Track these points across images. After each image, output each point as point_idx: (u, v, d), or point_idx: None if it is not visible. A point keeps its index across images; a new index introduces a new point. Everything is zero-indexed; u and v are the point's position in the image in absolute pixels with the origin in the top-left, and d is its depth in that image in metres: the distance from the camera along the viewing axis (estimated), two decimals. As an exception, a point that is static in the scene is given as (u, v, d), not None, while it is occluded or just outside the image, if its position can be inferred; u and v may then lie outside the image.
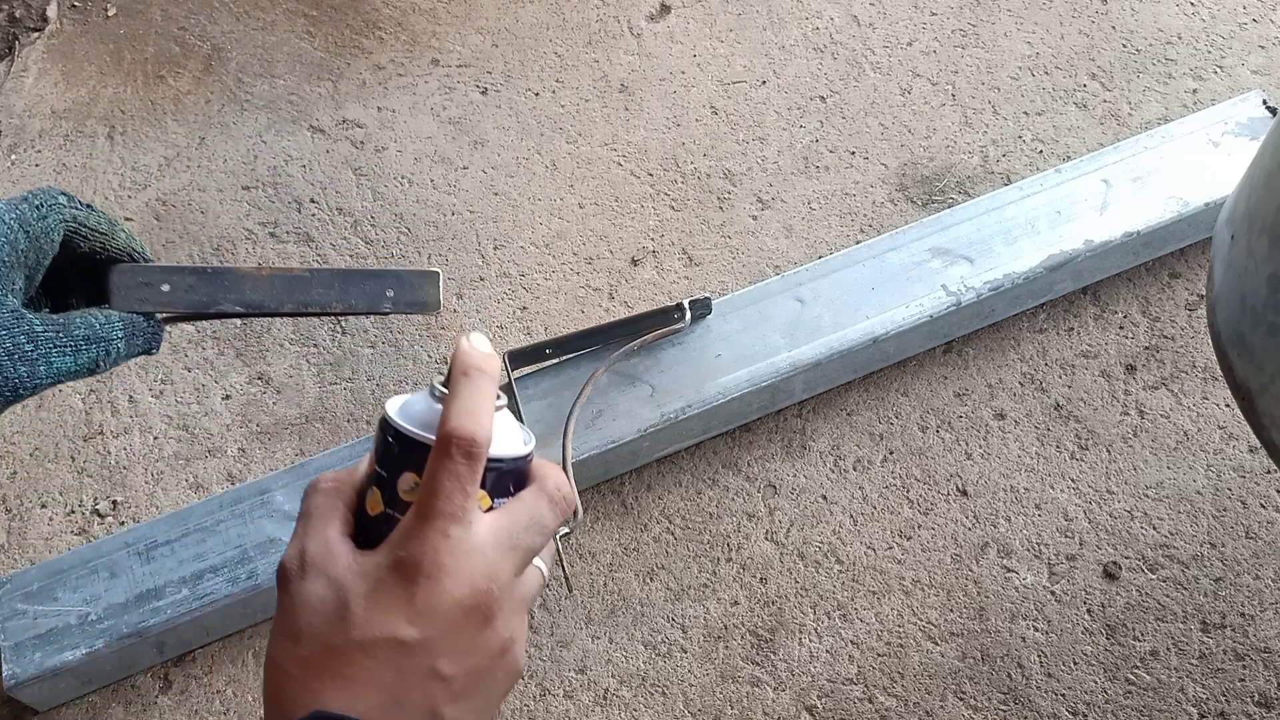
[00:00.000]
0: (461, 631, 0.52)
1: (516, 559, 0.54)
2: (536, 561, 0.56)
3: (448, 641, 0.52)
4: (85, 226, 0.58)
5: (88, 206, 0.59)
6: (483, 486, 0.53)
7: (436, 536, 0.51)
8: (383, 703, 0.51)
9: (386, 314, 0.67)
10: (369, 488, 0.55)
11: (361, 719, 0.50)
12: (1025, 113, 1.45)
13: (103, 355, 0.57)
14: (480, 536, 0.52)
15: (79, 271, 0.60)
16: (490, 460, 0.53)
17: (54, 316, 0.56)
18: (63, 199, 0.57)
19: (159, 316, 0.61)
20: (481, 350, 0.55)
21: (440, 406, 0.54)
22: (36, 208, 0.56)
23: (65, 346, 0.56)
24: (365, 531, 0.54)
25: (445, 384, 0.55)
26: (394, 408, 0.56)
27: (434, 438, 0.53)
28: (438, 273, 0.66)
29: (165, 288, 0.61)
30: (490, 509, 0.54)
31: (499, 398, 0.55)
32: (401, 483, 0.54)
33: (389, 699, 0.51)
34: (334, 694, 0.51)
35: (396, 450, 0.54)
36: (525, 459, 0.57)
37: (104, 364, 0.57)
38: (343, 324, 1.32)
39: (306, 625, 0.52)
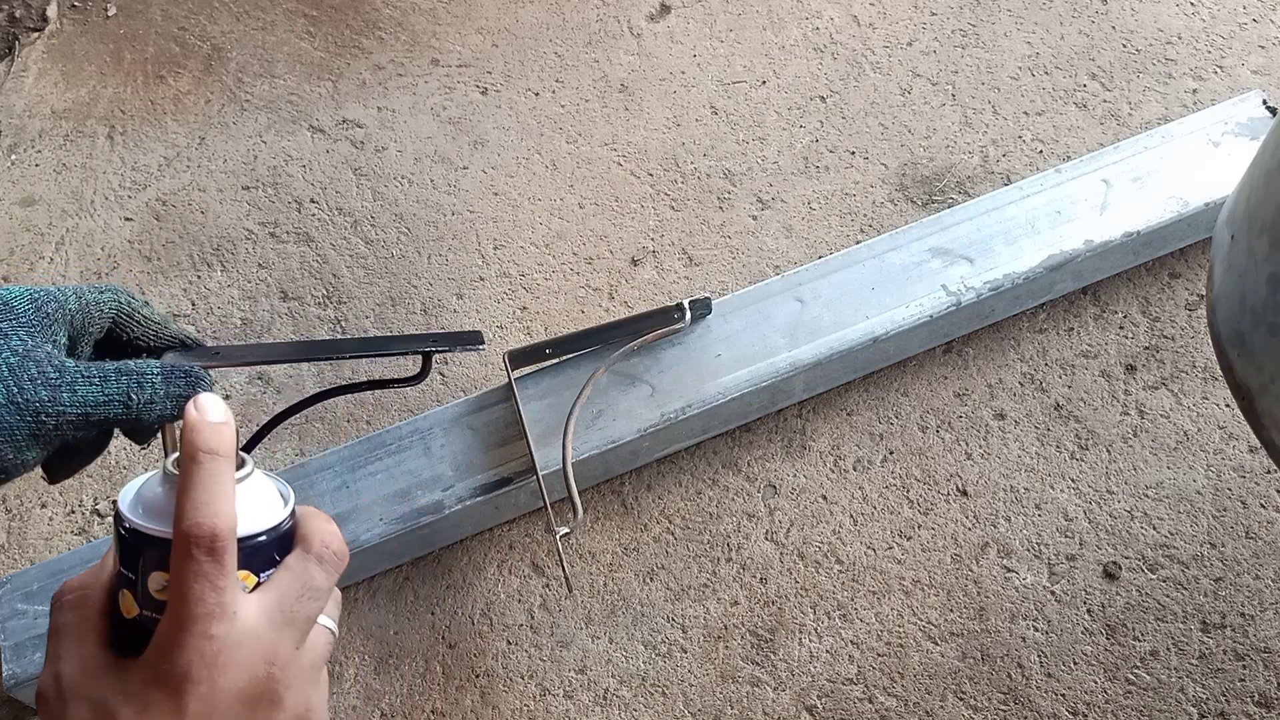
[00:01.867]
0: None
1: (295, 632, 0.51)
2: (323, 619, 0.53)
3: None
4: (139, 314, 0.60)
5: (145, 302, 0.61)
6: (243, 566, 0.49)
7: (198, 640, 0.48)
8: None
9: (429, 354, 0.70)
10: (120, 590, 0.51)
11: None
12: (1025, 113, 1.45)
13: (134, 387, 0.55)
14: (249, 623, 0.49)
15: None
16: (242, 540, 0.49)
17: (89, 363, 0.56)
18: (124, 291, 0.60)
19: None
20: (211, 421, 0.52)
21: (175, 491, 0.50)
22: (95, 288, 0.58)
23: (93, 377, 0.54)
24: (123, 637, 0.50)
25: (177, 464, 0.51)
26: (128, 498, 0.51)
27: (164, 535, 0.49)
28: (479, 333, 0.68)
29: (216, 354, 0.63)
30: (257, 585, 0.51)
31: (243, 464, 0.52)
32: (151, 583, 0.50)
33: None
34: None
35: (138, 548, 0.50)
36: (284, 524, 0.53)
37: (137, 396, 0.55)
38: (342, 324, 1.32)
39: None
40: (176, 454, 0.52)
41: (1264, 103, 1.33)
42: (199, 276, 1.36)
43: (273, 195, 1.42)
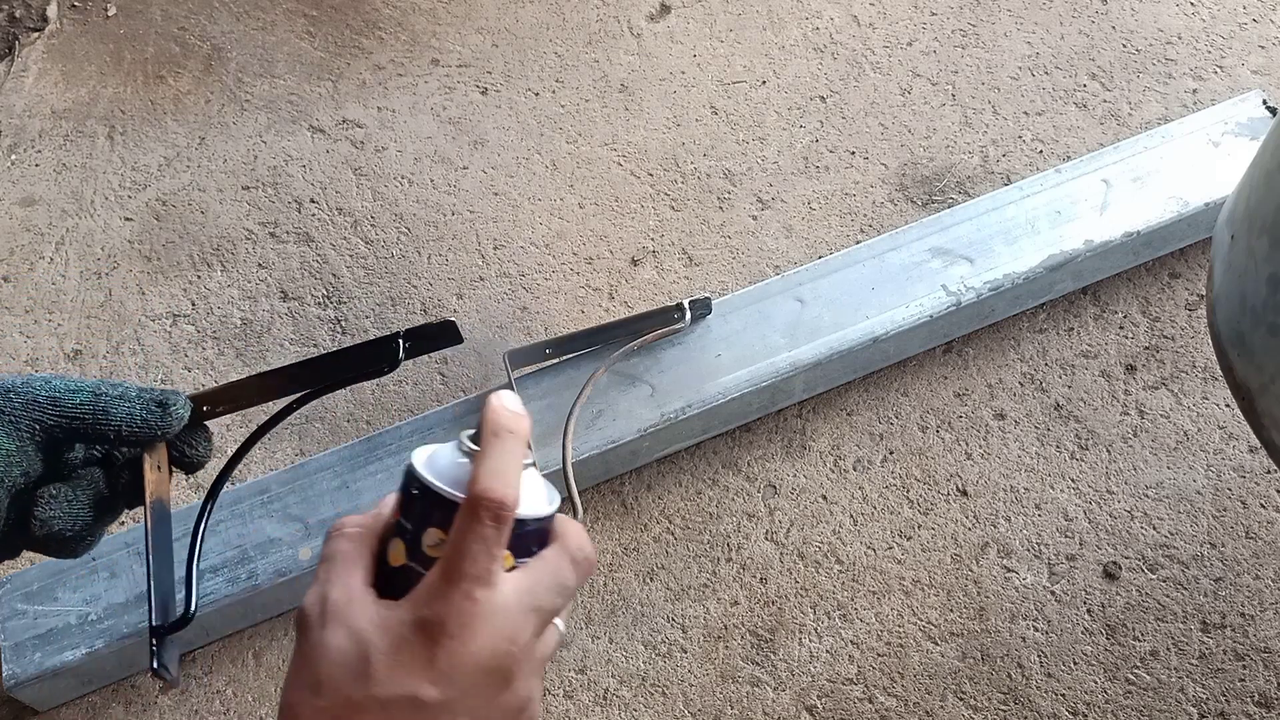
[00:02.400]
0: (481, 693, 0.52)
1: (538, 620, 0.54)
2: (557, 620, 0.56)
3: (467, 702, 0.51)
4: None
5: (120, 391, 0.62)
6: (508, 546, 0.53)
7: (461, 598, 0.51)
8: None
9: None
10: (392, 538, 0.54)
11: None
12: (1025, 113, 1.45)
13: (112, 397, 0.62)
14: (504, 598, 0.52)
15: None
16: (515, 521, 0.52)
17: None
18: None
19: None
20: (512, 410, 0.55)
21: (468, 463, 0.54)
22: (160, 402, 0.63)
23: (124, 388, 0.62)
24: (387, 581, 0.54)
25: (474, 439, 0.55)
26: (420, 459, 0.55)
27: (461, 496, 0.52)
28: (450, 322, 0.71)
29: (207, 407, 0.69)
30: (513, 568, 0.54)
31: (527, 457, 0.55)
32: (426, 538, 0.53)
33: None
34: None
35: (423, 505, 0.54)
36: (549, 519, 0.56)
37: (172, 402, 0.63)
38: (342, 324, 1.32)
39: (326, 676, 0.51)
40: (471, 430, 0.56)
41: (1264, 103, 1.33)
42: (199, 276, 1.36)
43: (273, 195, 1.42)
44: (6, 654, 1.05)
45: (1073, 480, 1.19)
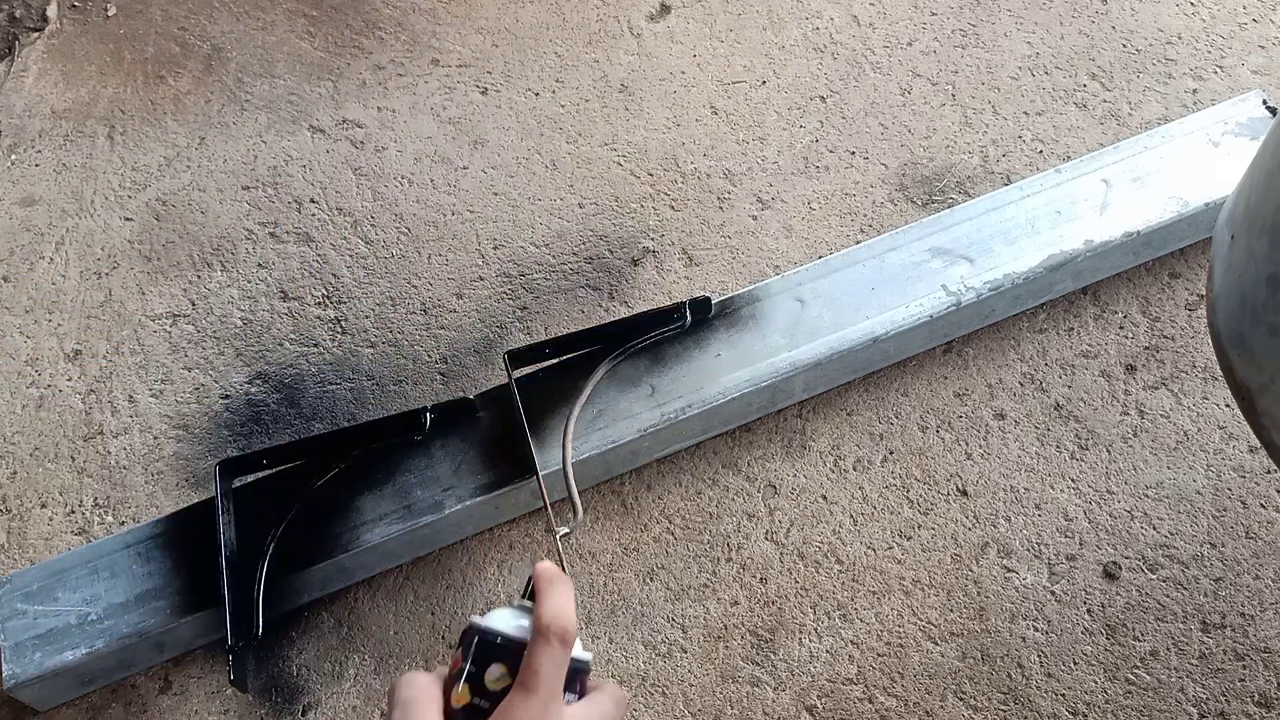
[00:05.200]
0: None
1: None
2: None
3: None
4: None
5: None
6: None
7: (539, 708, 0.60)
8: None
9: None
10: (454, 686, 0.64)
11: None
12: (1025, 113, 1.45)
13: None
14: (568, 713, 0.62)
15: None
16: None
17: None
18: None
19: None
20: (558, 571, 0.67)
21: (521, 618, 0.65)
22: None
23: None
24: (452, 719, 0.63)
25: (524, 596, 0.67)
26: (479, 620, 0.66)
27: (518, 638, 0.64)
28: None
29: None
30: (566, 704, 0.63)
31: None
32: (489, 674, 0.63)
33: None
34: None
35: (485, 649, 0.64)
36: (588, 665, 0.67)
37: None
38: (342, 324, 1.32)
39: None
40: (521, 598, 0.67)
41: (1264, 103, 1.33)
42: (199, 276, 1.36)
43: (273, 195, 1.42)
44: (6, 654, 1.05)
45: (1073, 480, 1.19)
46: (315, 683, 1.11)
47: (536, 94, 1.50)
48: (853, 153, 1.43)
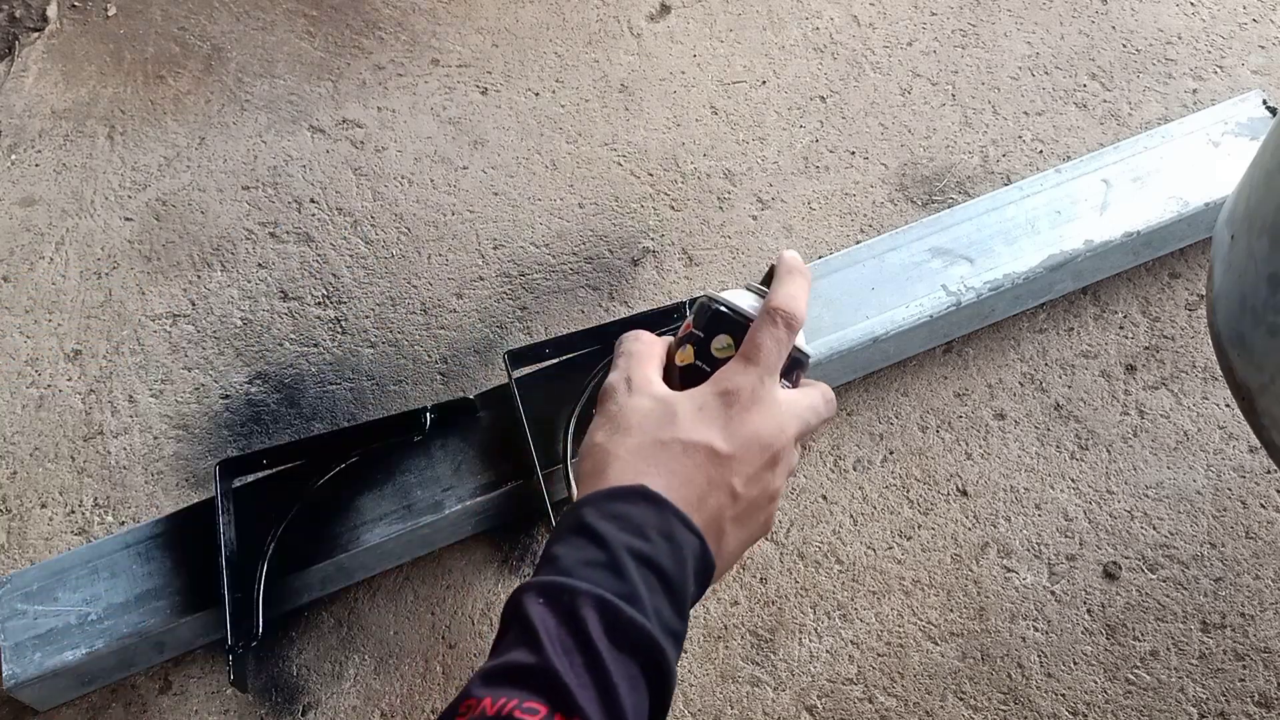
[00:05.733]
0: (756, 461, 0.64)
1: (798, 427, 0.66)
2: (797, 449, 0.68)
3: (745, 466, 0.63)
4: None
5: None
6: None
7: (755, 379, 0.64)
8: (689, 497, 0.62)
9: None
10: (678, 347, 0.69)
11: (673, 504, 0.61)
12: (1025, 113, 1.45)
13: None
14: (779, 396, 0.66)
15: None
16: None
17: None
18: None
19: None
20: (801, 262, 0.70)
21: (755, 299, 0.69)
22: None
23: None
24: (671, 376, 0.68)
25: (762, 284, 0.70)
26: (716, 293, 0.70)
27: (750, 314, 0.68)
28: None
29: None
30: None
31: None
32: (716, 342, 0.67)
33: (695, 496, 0.62)
34: (655, 478, 0.62)
35: (715, 320, 0.68)
36: (808, 359, 0.70)
37: None
38: (342, 324, 1.32)
39: (637, 424, 0.64)
40: (759, 283, 0.71)
41: (1264, 103, 1.33)
42: (199, 276, 1.36)
43: (273, 195, 1.42)
44: (6, 654, 1.05)
45: (1073, 480, 1.19)
46: (315, 683, 1.11)
47: (536, 94, 1.50)
48: (853, 153, 1.43)
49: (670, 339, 0.72)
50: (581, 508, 0.63)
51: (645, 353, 0.68)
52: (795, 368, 0.69)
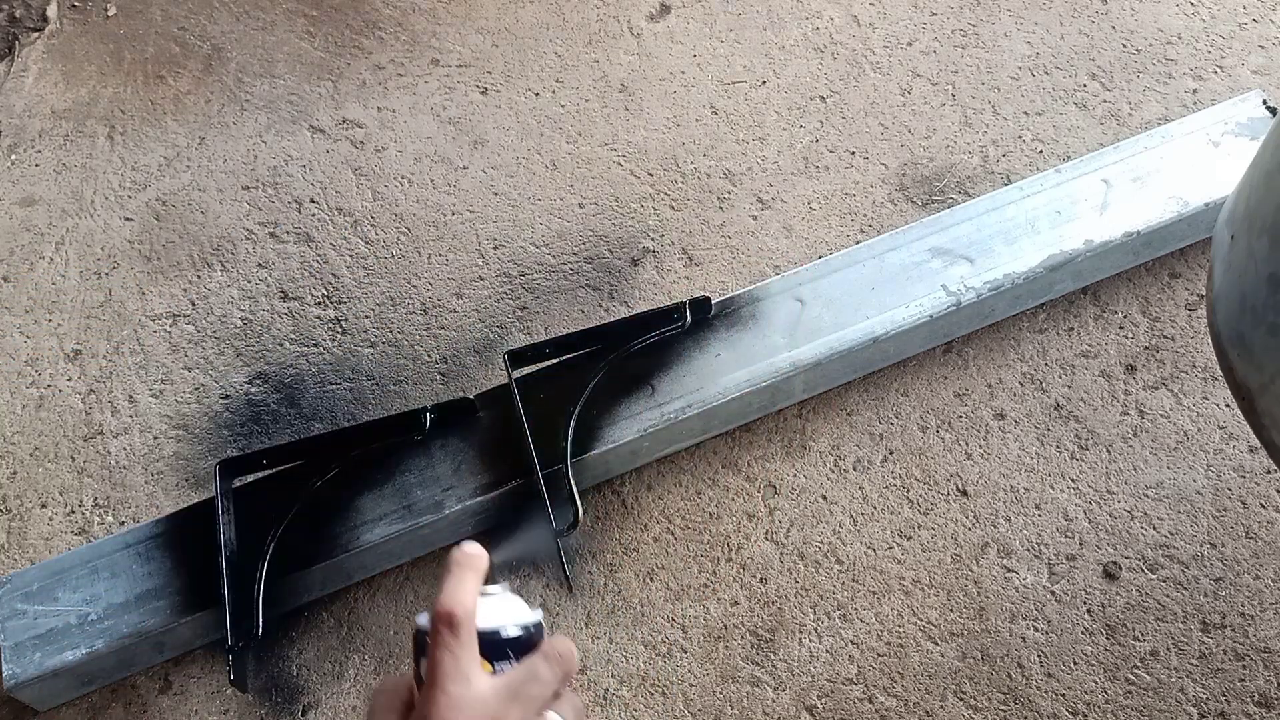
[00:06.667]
0: None
1: (521, 708, 0.63)
2: (552, 717, 0.66)
3: None
4: None
5: None
6: (483, 656, 0.63)
7: (437, 695, 0.62)
8: None
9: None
10: (415, 679, 0.67)
11: None
12: (1025, 113, 1.45)
13: None
14: (480, 690, 0.62)
15: None
16: (483, 633, 0.63)
17: None
18: None
19: None
20: (469, 551, 0.66)
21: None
22: None
23: None
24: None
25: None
26: (420, 618, 0.67)
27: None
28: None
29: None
30: (493, 674, 0.64)
31: (500, 585, 0.67)
32: (422, 668, 0.64)
33: None
34: None
35: (419, 645, 0.65)
36: (521, 636, 0.66)
37: None
38: (342, 324, 1.32)
39: None
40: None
41: (1264, 103, 1.33)
42: (199, 276, 1.36)
43: (273, 195, 1.42)
44: (6, 654, 1.05)
45: (1073, 480, 1.19)
46: (315, 682, 1.11)
47: (536, 94, 1.50)
48: (853, 153, 1.43)
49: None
50: None
51: (379, 709, 0.67)
52: (506, 648, 0.66)
